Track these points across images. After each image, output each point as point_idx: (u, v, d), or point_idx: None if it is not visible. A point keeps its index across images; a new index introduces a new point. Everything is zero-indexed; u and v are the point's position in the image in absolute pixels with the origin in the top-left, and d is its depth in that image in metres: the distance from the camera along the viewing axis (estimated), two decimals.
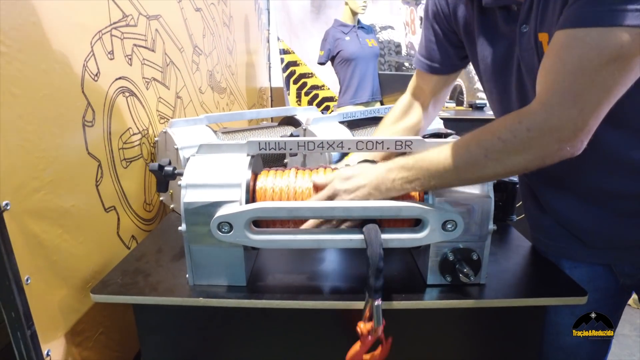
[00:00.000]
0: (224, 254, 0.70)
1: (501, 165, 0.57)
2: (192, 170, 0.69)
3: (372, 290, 0.62)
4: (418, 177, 0.63)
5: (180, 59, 1.33)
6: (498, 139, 0.56)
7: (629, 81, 0.50)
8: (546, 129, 0.53)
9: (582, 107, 0.50)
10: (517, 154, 0.55)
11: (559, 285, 0.73)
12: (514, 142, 0.54)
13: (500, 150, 0.56)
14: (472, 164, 0.59)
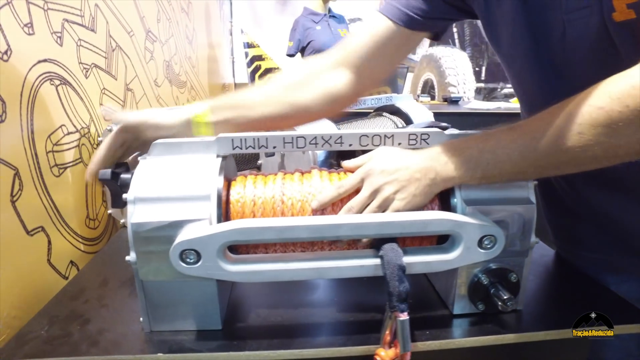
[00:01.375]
0: (190, 290, 0.52)
1: (601, 148, 0.41)
2: (143, 178, 0.50)
3: (395, 298, 0.46)
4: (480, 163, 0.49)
5: (129, 44, 1.11)
6: (599, 110, 0.40)
7: None
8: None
9: None
10: (627, 130, 0.40)
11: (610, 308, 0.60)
12: (625, 113, 0.39)
13: (603, 125, 0.40)
14: (560, 145, 0.43)
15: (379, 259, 0.49)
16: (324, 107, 0.69)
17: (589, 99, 0.41)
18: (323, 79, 0.68)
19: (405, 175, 0.50)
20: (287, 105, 0.66)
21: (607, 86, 0.41)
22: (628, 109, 0.39)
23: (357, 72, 0.68)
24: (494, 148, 0.47)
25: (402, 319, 0.46)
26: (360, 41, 0.68)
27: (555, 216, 0.70)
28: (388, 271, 0.47)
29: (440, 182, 0.51)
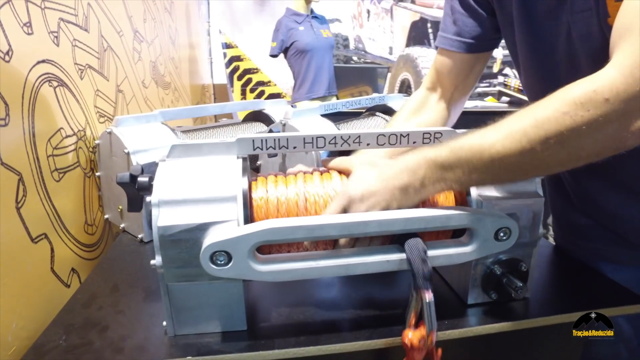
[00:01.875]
0: (216, 291, 0.51)
1: (566, 151, 0.43)
2: (165, 180, 0.50)
3: (420, 278, 0.48)
4: (455, 173, 0.48)
5: (119, 44, 1.09)
6: (563, 115, 0.42)
7: None
8: (631, 98, 0.40)
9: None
10: (590, 133, 0.41)
11: (607, 292, 0.64)
12: (586, 116, 0.41)
13: (568, 130, 0.42)
14: (529, 150, 0.44)
15: (403, 254, 0.50)
16: None
17: (555, 104, 0.43)
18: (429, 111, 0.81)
19: (385, 196, 0.51)
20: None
21: (570, 92, 0.42)
22: (589, 114, 0.41)
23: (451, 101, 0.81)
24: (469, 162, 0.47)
25: (428, 299, 0.47)
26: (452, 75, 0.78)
27: (560, 206, 0.74)
28: (412, 255, 0.49)
29: (421, 196, 0.51)
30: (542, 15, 0.60)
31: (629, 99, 0.39)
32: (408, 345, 0.47)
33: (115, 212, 0.87)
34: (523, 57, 0.65)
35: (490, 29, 0.73)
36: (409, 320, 0.50)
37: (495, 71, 4.20)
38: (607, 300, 0.61)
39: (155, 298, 0.63)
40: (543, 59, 0.62)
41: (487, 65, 0.81)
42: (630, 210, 0.63)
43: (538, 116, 0.43)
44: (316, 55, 2.55)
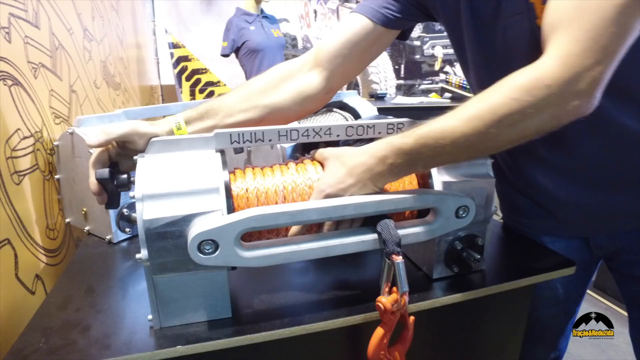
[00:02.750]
0: (201, 281, 0.53)
1: (515, 131, 0.49)
2: (146, 175, 0.51)
3: (390, 243, 0.52)
4: (421, 158, 0.53)
5: (70, 42, 1.05)
6: (512, 100, 0.48)
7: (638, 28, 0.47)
8: (567, 82, 0.46)
9: (603, 55, 0.46)
10: (535, 115, 0.48)
11: (548, 260, 0.73)
12: (531, 101, 0.47)
13: (517, 113, 0.48)
14: (484, 133, 0.49)
15: (376, 234, 0.55)
16: (298, 107, 0.73)
17: (504, 91, 0.48)
18: (296, 80, 0.73)
19: (357, 187, 0.55)
20: (263, 108, 0.70)
21: (517, 80, 0.49)
22: (534, 98, 0.47)
23: (331, 72, 0.73)
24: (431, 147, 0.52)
25: (398, 260, 0.52)
26: (334, 41, 0.73)
27: (503, 190, 0.83)
28: (381, 227, 0.54)
29: (388, 179, 0.57)
30: (485, 18, 0.67)
31: (565, 83, 0.46)
32: (382, 308, 0.52)
33: (78, 215, 0.85)
34: (472, 55, 0.72)
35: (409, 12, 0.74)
36: (382, 287, 0.54)
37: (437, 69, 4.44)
38: (548, 266, 0.70)
39: (135, 296, 0.63)
40: (489, 57, 0.70)
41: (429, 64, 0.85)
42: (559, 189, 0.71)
43: (491, 103, 0.49)
44: (268, 54, 2.57)
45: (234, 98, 0.69)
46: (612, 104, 0.60)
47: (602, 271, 0.83)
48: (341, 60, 0.73)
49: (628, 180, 0.66)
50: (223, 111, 0.67)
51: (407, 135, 0.54)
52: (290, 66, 0.74)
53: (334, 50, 0.73)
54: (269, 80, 0.72)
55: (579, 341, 1.74)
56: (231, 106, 0.68)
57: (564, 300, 0.83)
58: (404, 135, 0.54)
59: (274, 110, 0.70)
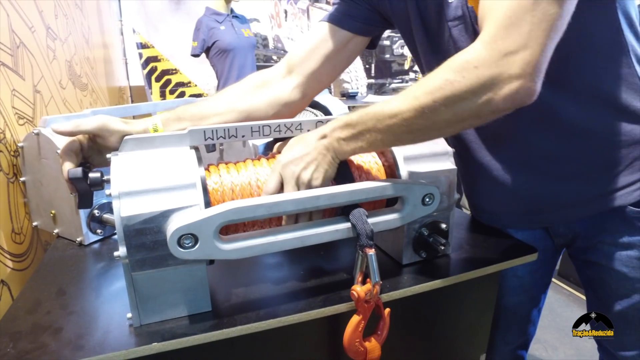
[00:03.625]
0: (181, 276, 0.53)
1: (451, 111, 0.51)
2: (122, 173, 0.51)
3: (363, 236, 0.55)
4: (364, 133, 0.56)
5: (32, 41, 1.02)
6: (445, 81, 0.50)
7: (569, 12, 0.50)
8: (494, 64, 0.49)
9: (527, 38, 0.48)
10: (468, 96, 0.50)
11: (512, 248, 0.77)
12: (463, 82, 0.49)
13: (450, 94, 0.50)
14: (420, 112, 0.52)
15: (349, 223, 0.57)
16: (274, 112, 0.75)
17: (441, 72, 0.51)
18: (273, 87, 0.76)
19: (312, 156, 0.58)
20: (239, 113, 0.71)
21: (450, 63, 0.51)
22: (465, 80, 0.49)
23: (304, 78, 0.76)
24: (374, 124, 0.55)
25: (370, 253, 0.55)
26: (305, 48, 0.77)
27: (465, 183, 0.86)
28: (356, 220, 0.56)
29: (340, 154, 0.59)
30: (433, 22, 0.71)
31: (492, 65, 0.48)
32: (356, 296, 0.54)
33: (46, 218, 0.82)
34: (423, 54, 0.77)
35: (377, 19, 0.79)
36: (356, 278, 0.57)
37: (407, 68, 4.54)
38: (512, 254, 0.74)
39: (109, 296, 0.62)
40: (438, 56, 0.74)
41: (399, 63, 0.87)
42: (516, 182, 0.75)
43: (427, 84, 0.52)
44: (239, 54, 2.55)
45: (211, 102, 0.71)
46: (555, 97, 0.64)
47: (565, 260, 0.88)
48: (313, 66, 0.76)
49: (576, 171, 0.69)
50: (200, 114, 0.69)
51: (354, 112, 0.58)
52: (265, 74, 0.78)
53: (305, 57, 0.77)
54: (245, 86, 0.75)
55: (544, 326, 1.84)
56: (208, 109, 0.69)
57: (530, 288, 0.88)
58: (351, 113, 0.58)
59: (250, 115, 0.72)
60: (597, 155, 0.68)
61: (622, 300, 0.73)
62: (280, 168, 0.57)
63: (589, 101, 0.65)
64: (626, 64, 0.65)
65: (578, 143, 0.68)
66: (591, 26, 0.62)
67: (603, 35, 0.63)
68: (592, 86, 0.65)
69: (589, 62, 0.64)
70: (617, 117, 0.66)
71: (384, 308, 0.59)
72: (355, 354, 0.57)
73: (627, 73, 0.65)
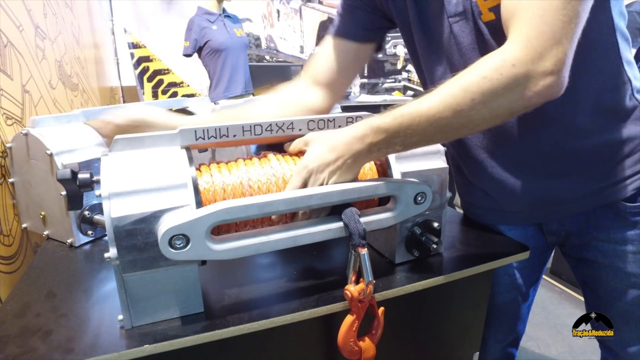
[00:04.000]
0: (173, 277, 0.53)
1: (488, 109, 0.53)
2: (112, 173, 0.50)
3: (356, 236, 0.55)
4: (398, 135, 0.55)
5: (20, 40, 1.00)
6: (484, 79, 0.52)
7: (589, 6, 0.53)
8: (530, 62, 0.51)
9: (559, 36, 0.50)
10: (505, 93, 0.52)
11: (504, 246, 0.77)
12: (501, 79, 0.51)
13: (488, 91, 0.51)
14: (458, 110, 0.53)
15: (341, 222, 0.57)
16: None
17: (476, 70, 0.52)
18: (303, 97, 0.82)
19: (338, 165, 0.57)
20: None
21: (486, 61, 0.53)
22: (503, 77, 0.51)
23: (327, 88, 0.82)
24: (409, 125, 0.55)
25: (363, 252, 0.55)
26: (323, 63, 0.82)
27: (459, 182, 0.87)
28: (348, 220, 0.56)
29: (368, 159, 0.60)
30: (432, 18, 0.72)
31: (528, 63, 0.50)
32: (349, 296, 0.54)
33: (36, 220, 0.81)
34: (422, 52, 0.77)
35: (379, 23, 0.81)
36: (350, 278, 0.57)
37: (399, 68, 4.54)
38: (504, 252, 0.74)
39: (100, 298, 0.61)
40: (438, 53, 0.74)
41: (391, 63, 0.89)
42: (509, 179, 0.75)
43: (463, 82, 0.53)
44: (231, 54, 2.54)
45: (253, 109, 0.76)
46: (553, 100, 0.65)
47: (557, 258, 0.88)
48: (334, 78, 0.82)
49: (569, 168, 0.70)
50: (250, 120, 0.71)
51: (385, 115, 0.57)
52: (294, 86, 0.84)
53: (324, 71, 0.83)
54: (281, 97, 0.81)
55: (537, 324, 1.85)
56: (254, 116, 0.74)
57: (521, 285, 0.88)
58: (382, 115, 0.57)
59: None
60: (588, 152, 0.69)
61: (621, 297, 0.74)
62: (306, 174, 0.57)
63: (578, 99, 0.66)
64: (615, 63, 0.66)
65: (571, 141, 0.69)
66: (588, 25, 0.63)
67: (596, 36, 0.64)
68: (583, 84, 0.65)
69: (583, 61, 0.65)
70: (607, 114, 0.67)
71: (377, 307, 0.59)
72: (350, 353, 0.57)
73: (616, 72, 0.66)
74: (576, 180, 0.71)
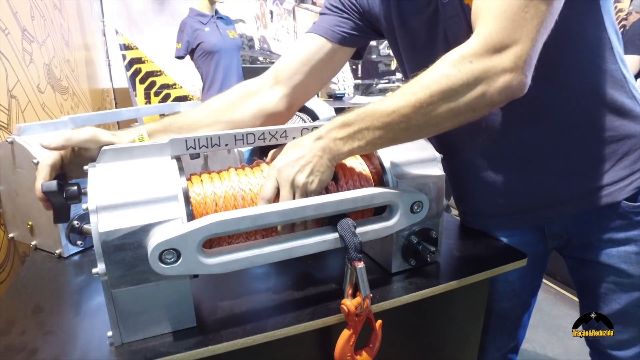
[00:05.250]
0: (164, 291, 0.51)
1: (447, 106, 0.52)
2: (99, 185, 0.48)
3: (352, 250, 0.53)
4: (361, 131, 0.55)
5: (6, 44, 0.98)
6: (441, 76, 0.51)
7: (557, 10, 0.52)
8: (488, 58, 0.50)
9: (520, 33, 0.50)
10: (464, 90, 0.51)
11: (501, 253, 0.76)
12: (459, 76, 0.50)
13: (446, 88, 0.51)
14: (418, 107, 0.52)
15: (336, 233, 0.56)
16: (260, 123, 0.75)
17: (436, 67, 0.52)
18: (258, 98, 0.76)
19: (307, 159, 0.56)
20: (226, 124, 0.71)
21: (446, 57, 0.52)
22: (460, 73, 0.50)
23: (290, 88, 0.76)
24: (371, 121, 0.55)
25: (359, 266, 0.53)
26: (292, 60, 0.76)
27: (455, 188, 0.86)
28: (344, 232, 0.55)
29: (336, 156, 0.58)
30: (421, 24, 0.71)
31: (486, 58, 0.50)
32: (346, 310, 0.53)
33: (23, 229, 0.79)
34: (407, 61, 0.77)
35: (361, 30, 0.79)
36: (346, 291, 0.55)
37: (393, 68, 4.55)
38: (502, 260, 0.73)
39: (89, 313, 0.60)
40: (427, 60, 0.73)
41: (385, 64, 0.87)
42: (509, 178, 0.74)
43: (424, 79, 0.52)
44: (224, 56, 2.52)
45: (198, 114, 0.70)
46: (544, 92, 0.65)
47: (553, 259, 0.87)
48: (300, 78, 0.76)
49: (567, 166, 0.70)
50: (187, 125, 0.68)
51: (349, 111, 0.57)
52: (251, 84, 0.77)
53: (293, 68, 0.76)
54: (231, 97, 0.74)
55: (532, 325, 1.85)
56: (195, 121, 0.69)
57: (520, 292, 0.87)
58: (347, 112, 0.57)
59: (236, 126, 0.72)
60: (587, 150, 0.69)
61: (621, 298, 0.73)
62: (276, 173, 0.56)
63: (577, 96, 0.66)
64: (611, 60, 0.66)
65: (568, 138, 0.68)
66: (577, 24, 0.63)
67: (588, 33, 0.64)
68: (580, 82, 0.66)
69: (576, 58, 0.65)
70: (605, 112, 0.67)
71: (375, 320, 0.58)
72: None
73: (612, 69, 0.66)
74: (575, 178, 0.70)
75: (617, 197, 0.68)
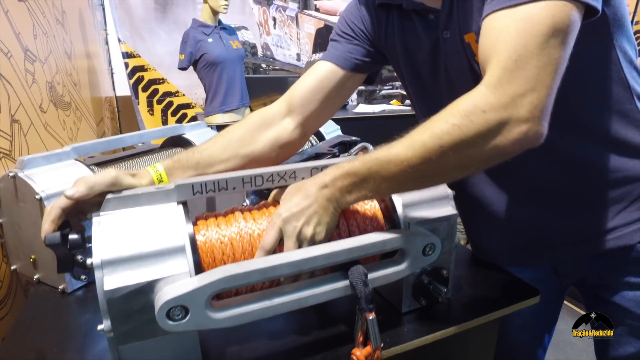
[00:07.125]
0: (171, 345, 0.50)
1: (459, 157, 0.49)
2: (104, 237, 0.47)
3: (363, 300, 0.52)
4: (367, 180, 0.53)
5: (8, 67, 0.96)
6: (453, 126, 0.48)
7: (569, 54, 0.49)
8: (502, 108, 0.47)
9: (534, 83, 0.47)
10: (477, 141, 0.48)
11: (512, 289, 0.74)
12: (471, 126, 0.47)
13: (458, 139, 0.48)
14: (428, 158, 0.49)
15: (347, 280, 0.54)
16: (275, 154, 0.75)
17: (446, 117, 0.49)
18: (274, 128, 0.75)
19: (313, 209, 0.55)
20: (243, 158, 0.71)
21: (457, 106, 0.49)
22: (473, 124, 0.47)
23: (304, 118, 0.76)
24: (378, 171, 0.52)
25: (370, 317, 0.52)
26: (305, 88, 0.76)
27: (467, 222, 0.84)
28: (355, 280, 0.53)
29: (342, 204, 0.56)
30: (424, 58, 0.70)
31: (500, 109, 0.47)
32: None
33: (25, 262, 0.78)
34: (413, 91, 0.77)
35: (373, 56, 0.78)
36: (357, 339, 0.54)
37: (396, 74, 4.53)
38: (514, 297, 0.72)
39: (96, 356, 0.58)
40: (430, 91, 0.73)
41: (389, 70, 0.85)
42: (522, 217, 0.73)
43: (434, 128, 0.49)
44: (227, 67, 2.51)
45: (214, 148, 0.70)
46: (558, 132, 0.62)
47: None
48: (313, 106, 0.76)
49: (580, 206, 0.68)
50: (204, 161, 0.67)
51: (356, 159, 0.55)
52: (265, 113, 0.77)
53: (306, 97, 0.76)
54: (246, 129, 0.74)
55: None
56: (212, 156, 0.68)
57: (534, 326, 0.86)
58: (354, 159, 0.55)
59: (253, 159, 0.72)
60: (600, 191, 0.67)
61: (637, 342, 0.71)
62: (281, 223, 0.54)
63: (591, 136, 0.65)
64: (627, 100, 0.64)
65: (581, 177, 0.67)
66: (590, 63, 0.61)
67: (602, 72, 0.62)
68: (594, 121, 0.64)
69: (590, 98, 0.63)
70: (620, 152, 0.65)
71: None
72: None
73: (628, 109, 0.64)
74: (588, 219, 0.69)
75: (631, 240, 0.67)
